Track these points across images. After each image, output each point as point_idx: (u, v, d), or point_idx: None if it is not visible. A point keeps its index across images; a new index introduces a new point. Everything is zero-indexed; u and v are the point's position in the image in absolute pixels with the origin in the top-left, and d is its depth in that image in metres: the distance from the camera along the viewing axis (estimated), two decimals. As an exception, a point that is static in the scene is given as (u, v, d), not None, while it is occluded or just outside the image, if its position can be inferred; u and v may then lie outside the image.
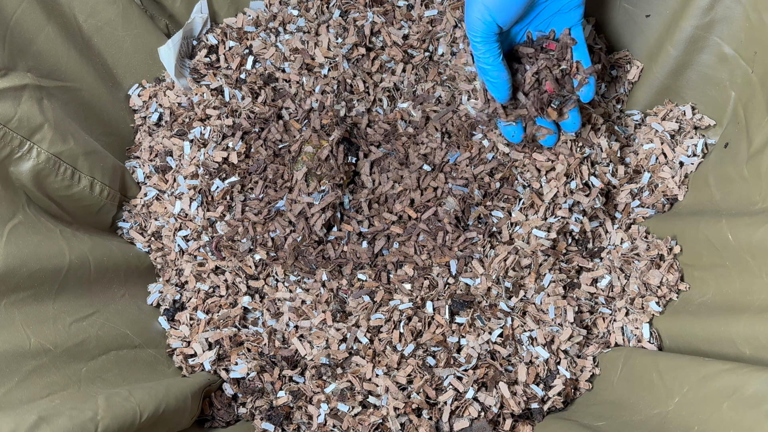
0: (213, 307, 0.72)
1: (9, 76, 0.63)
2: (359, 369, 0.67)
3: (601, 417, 0.63)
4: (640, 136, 0.78)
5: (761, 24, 0.63)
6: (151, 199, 0.77)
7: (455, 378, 0.67)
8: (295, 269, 0.73)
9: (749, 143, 0.63)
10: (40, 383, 0.56)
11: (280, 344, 0.71)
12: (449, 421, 0.66)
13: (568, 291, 0.71)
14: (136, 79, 0.81)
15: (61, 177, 0.68)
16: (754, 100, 0.65)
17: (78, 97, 0.73)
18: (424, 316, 0.68)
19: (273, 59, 0.81)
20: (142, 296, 0.74)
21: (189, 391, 0.64)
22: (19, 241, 0.59)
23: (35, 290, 0.60)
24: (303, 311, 0.71)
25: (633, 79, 0.79)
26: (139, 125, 0.81)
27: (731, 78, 0.69)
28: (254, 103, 0.78)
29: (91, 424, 0.51)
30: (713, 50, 0.70)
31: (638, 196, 0.76)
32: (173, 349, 0.71)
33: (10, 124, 0.62)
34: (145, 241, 0.76)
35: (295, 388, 0.68)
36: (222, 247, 0.74)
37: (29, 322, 0.58)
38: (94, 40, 0.75)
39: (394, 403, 0.65)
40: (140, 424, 0.55)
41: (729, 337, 0.58)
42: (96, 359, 0.63)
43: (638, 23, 0.77)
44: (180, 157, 0.77)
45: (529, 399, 0.67)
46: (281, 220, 0.74)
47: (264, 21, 0.83)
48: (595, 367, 0.69)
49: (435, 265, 0.71)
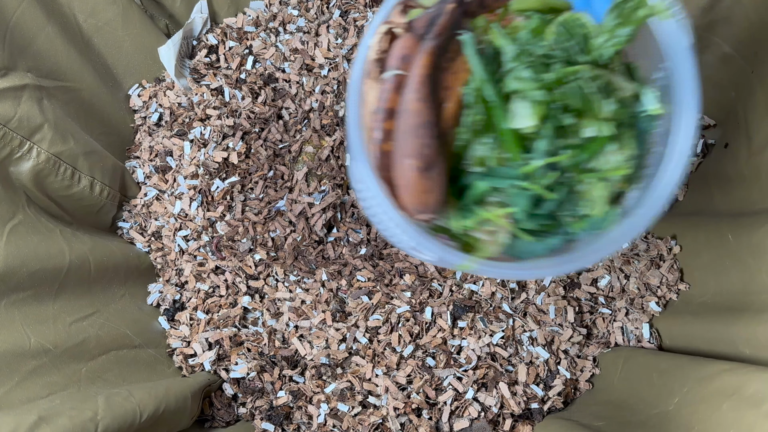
0: (213, 307, 0.72)
1: (9, 76, 0.63)
2: (359, 369, 0.67)
3: (601, 417, 0.63)
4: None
5: (761, 24, 0.63)
6: (151, 199, 0.77)
7: (455, 378, 0.67)
8: (295, 269, 0.73)
9: (749, 143, 0.63)
10: (40, 383, 0.56)
11: (280, 344, 0.71)
12: (449, 421, 0.66)
13: (568, 291, 0.71)
14: (136, 79, 0.81)
15: (61, 177, 0.68)
16: (754, 100, 0.65)
17: (78, 97, 0.73)
18: (422, 320, 0.68)
19: (273, 59, 0.81)
20: (142, 296, 0.74)
21: (189, 391, 0.64)
22: (19, 241, 0.59)
23: (35, 290, 0.60)
24: (303, 311, 0.71)
25: (633, 79, 0.79)
26: (139, 125, 0.81)
27: (731, 78, 0.69)
28: (254, 103, 0.78)
29: (91, 424, 0.51)
30: (713, 50, 0.70)
31: (638, 196, 0.76)
32: (173, 349, 0.71)
33: (10, 124, 0.62)
34: (145, 241, 0.76)
35: (295, 388, 0.68)
36: (222, 247, 0.74)
37: (29, 322, 0.58)
38: (94, 40, 0.75)
39: (394, 403, 0.65)
40: (140, 424, 0.55)
41: (729, 337, 0.58)
42: (96, 359, 0.63)
43: (638, 23, 0.77)
44: (180, 157, 0.77)
45: (529, 399, 0.67)
46: (281, 220, 0.74)
47: (264, 21, 0.83)
48: (595, 367, 0.69)
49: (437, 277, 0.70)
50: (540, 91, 0.35)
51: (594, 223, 0.38)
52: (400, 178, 0.36)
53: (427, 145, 0.35)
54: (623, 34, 0.36)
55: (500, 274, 0.37)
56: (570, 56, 0.36)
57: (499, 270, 0.37)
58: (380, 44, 0.36)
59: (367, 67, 0.37)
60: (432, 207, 0.36)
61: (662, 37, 0.38)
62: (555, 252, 0.39)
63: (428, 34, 0.36)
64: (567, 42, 0.36)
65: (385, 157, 0.36)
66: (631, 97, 0.38)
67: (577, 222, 0.39)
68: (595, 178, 0.38)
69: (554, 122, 0.36)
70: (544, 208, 0.37)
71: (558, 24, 0.37)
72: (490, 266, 0.36)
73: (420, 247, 0.36)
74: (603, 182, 0.38)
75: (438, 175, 0.35)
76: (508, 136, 0.36)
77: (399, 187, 0.36)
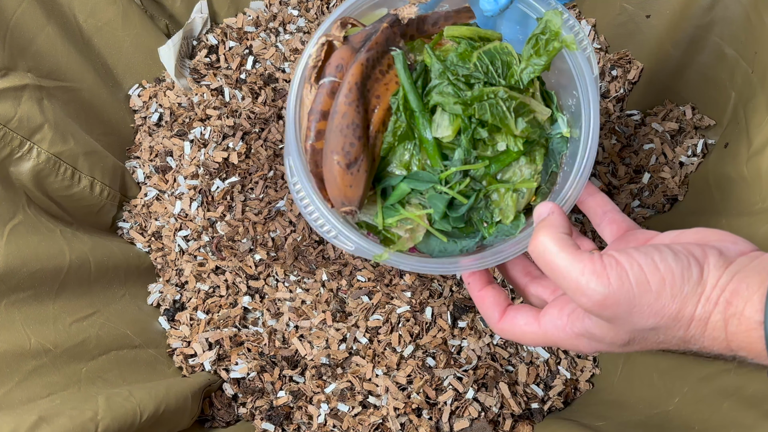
0: (213, 307, 0.72)
1: (9, 76, 0.63)
2: (359, 369, 0.67)
3: (601, 417, 0.63)
4: (640, 136, 0.78)
5: (761, 24, 0.63)
6: (151, 199, 0.77)
7: (455, 378, 0.67)
8: (295, 269, 0.73)
9: (749, 143, 0.63)
10: (40, 383, 0.56)
11: (280, 344, 0.71)
12: (449, 421, 0.66)
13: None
14: (136, 79, 0.81)
15: (61, 177, 0.68)
16: (754, 100, 0.64)
17: (78, 97, 0.73)
18: (423, 320, 0.69)
19: (273, 59, 0.81)
20: (142, 296, 0.74)
21: (189, 391, 0.64)
22: (19, 241, 0.59)
23: (35, 290, 0.60)
24: (303, 311, 0.71)
25: (633, 79, 0.79)
26: (139, 125, 0.81)
27: (731, 78, 0.69)
28: (254, 103, 0.78)
29: (92, 424, 0.51)
30: (713, 50, 0.70)
31: (638, 196, 0.76)
32: (173, 349, 0.71)
33: (10, 124, 0.62)
34: (145, 241, 0.76)
35: (295, 388, 0.68)
36: (222, 247, 0.74)
37: (29, 322, 0.58)
38: (94, 40, 0.75)
39: (394, 403, 0.65)
40: (140, 424, 0.55)
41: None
42: (96, 359, 0.63)
43: (638, 23, 0.77)
44: (180, 157, 0.77)
45: (530, 399, 0.67)
46: (281, 220, 0.74)
47: (264, 21, 0.83)
48: (595, 367, 0.69)
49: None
50: (459, 105, 0.40)
51: (503, 229, 0.43)
52: (327, 173, 0.40)
53: (352, 143, 0.39)
54: (539, 63, 0.41)
55: (411, 267, 0.40)
56: (490, 79, 0.41)
57: (410, 263, 0.40)
58: (318, 54, 0.40)
59: (307, 73, 0.41)
60: (354, 201, 0.40)
61: (574, 68, 0.43)
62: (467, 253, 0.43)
63: (363, 47, 0.40)
64: (490, 66, 0.41)
65: (316, 153, 0.40)
66: (548, 120, 0.43)
67: (490, 227, 0.43)
68: (506, 189, 0.43)
69: (470, 134, 0.41)
70: (458, 212, 0.42)
71: (485, 50, 0.42)
72: (403, 258, 0.40)
73: (341, 236, 0.40)
74: (513, 193, 0.43)
75: (361, 172, 0.39)
76: (428, 143, 0.41)
77: (327, 181, 0.40)
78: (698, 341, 0.31)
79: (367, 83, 0.40)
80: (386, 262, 0.40)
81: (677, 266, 0.30)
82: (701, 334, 0.31)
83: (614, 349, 0.34)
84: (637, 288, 0.30)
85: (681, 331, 0.31)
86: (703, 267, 0.31)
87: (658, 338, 0.32)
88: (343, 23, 0.42)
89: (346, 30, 0.42)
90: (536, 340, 0.37)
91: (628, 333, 0.32)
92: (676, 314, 0.30)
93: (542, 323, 0.37)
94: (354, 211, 0.40)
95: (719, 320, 0.30)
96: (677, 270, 0.30)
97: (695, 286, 0.30)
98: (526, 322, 0.37)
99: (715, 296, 0.30)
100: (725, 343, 0.30)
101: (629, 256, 0.31)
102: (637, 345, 0.33)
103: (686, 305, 0.30)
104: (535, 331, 0.37)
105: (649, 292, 0.30)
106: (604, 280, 0.30)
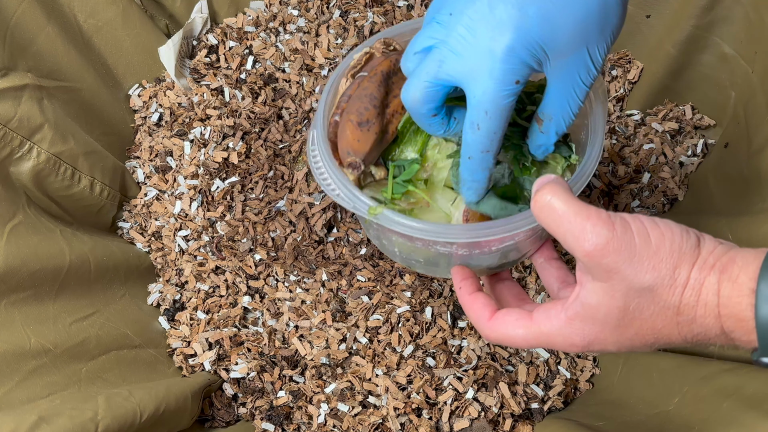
0: (213, 307, 0.72)
1: (9, 76, 0.63)
2: (359, 369, 0.67)
3: (601, 417, 0.63)
4: (640, 136, 0.78)
5: (761, 24, 0.63)
6: (151, 199, 0.77)
7: (455, 378, 0.67)
8: (295, 269, 0.73)
9: (749, 143, 0.63)
10: (40, 383, 0.56)
11: (280, 344, 0.71)
12: (449, 421, 0.66)
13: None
14: (136, 79, 0.81)
15: (61, 177, 0.68)
16: (754, 100, 0.64)
17: (78, 97, 0.73)
18: (423, 320, 0.68)
19: (273, 59, 0.81)
20: (142, 296, 0.74)
21: (189, 391, 0.64)
22: (19, 241, 0.59)
23: (35, 290, 0.60)
24: (303, 311, 0.71)
25: (633, 79, 0.79)
26: (139, 125, 0.81)
27: (731, 78, 0.69)
28: (254, 104, 0.78)
29: (92, 424, 0.51)
30: (713, 50, 0.70)
31: (638, 196, 0.76)
32: (173, 349, 0.71)
33: (10, 124, 0.62)
34: (145, 241, 0.76)
35: (295, 388, 0.68)
36: (222, 247, 0.74)
37: (29, 322, 0.58)
38: (94, 40, 0.75)
39: (394, 403, 0.65)
40: (140, 424, 0.55)
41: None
42: (96, 359, 0.63)
43: (638, 23, 0.77)
44: (180, 157, 0.77)
45: (530, 399, 0.67)
46: (281, 220, 0.74)
47: (264, 21, 0.83)
48: (595, 367, 0.69)
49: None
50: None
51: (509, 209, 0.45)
52: (341, 132, 0.43)
53: (366, 107, 0.42)
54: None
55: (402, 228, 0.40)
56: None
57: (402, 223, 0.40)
58: (360, 59, 0.46)
59: (346, 71, 0.46)
60: (359, 154, 0.42)
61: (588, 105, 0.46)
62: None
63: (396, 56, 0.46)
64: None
65: (336, 126, 0.44)
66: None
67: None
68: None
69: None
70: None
71: None
72: (398, 217, 0.41)
73: (344, 194, 0.42)
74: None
75: (371, 132, 0.42)
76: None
77: (339, 138, 0.43)
78: (692, 311, 0.32)
79: (393, 78, 0.44)
80: (380, 220, 0.41)
81: (677, 228, 0.33)
82: (695, 302, 0.32)
83: (607, 334, 0.34)
84: (638, 238, 0.32)
85: (676, 296, 0.32)
86: (700, 236, 0.33)
87: (652, 309, 0.33)
88: (386, 42, 0.47)
89: (387, 48, 0.47)
90: (527, 337, 0.37)
91: (623, 295, 0.33)
92: (673, 272, 0.32)
93: (534, 316, 0.37)
94: (358, 163, 0.42)
95: (713, 283, 0.31)
96: (676, 230, 0.32)
97: (693, 248, 0.32)
98: (518, 318, 0.38)
99: (712, 261, 0.32)
100: (718, 320, 0.31)
101: (632, 215, 0.33)
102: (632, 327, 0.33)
103: (683, 263, 0.32)
104: (527, 326, 0.37)
105: (648, 244, 0.32)
106: (609, 225, 0.32)
